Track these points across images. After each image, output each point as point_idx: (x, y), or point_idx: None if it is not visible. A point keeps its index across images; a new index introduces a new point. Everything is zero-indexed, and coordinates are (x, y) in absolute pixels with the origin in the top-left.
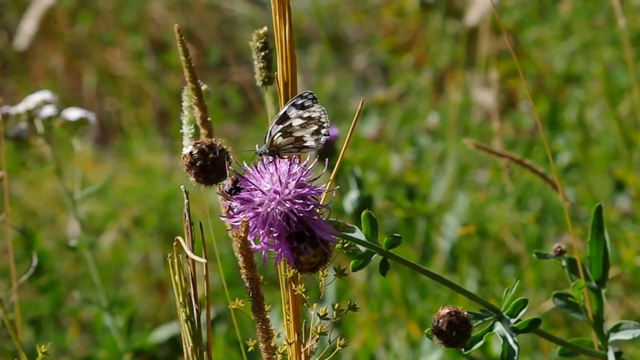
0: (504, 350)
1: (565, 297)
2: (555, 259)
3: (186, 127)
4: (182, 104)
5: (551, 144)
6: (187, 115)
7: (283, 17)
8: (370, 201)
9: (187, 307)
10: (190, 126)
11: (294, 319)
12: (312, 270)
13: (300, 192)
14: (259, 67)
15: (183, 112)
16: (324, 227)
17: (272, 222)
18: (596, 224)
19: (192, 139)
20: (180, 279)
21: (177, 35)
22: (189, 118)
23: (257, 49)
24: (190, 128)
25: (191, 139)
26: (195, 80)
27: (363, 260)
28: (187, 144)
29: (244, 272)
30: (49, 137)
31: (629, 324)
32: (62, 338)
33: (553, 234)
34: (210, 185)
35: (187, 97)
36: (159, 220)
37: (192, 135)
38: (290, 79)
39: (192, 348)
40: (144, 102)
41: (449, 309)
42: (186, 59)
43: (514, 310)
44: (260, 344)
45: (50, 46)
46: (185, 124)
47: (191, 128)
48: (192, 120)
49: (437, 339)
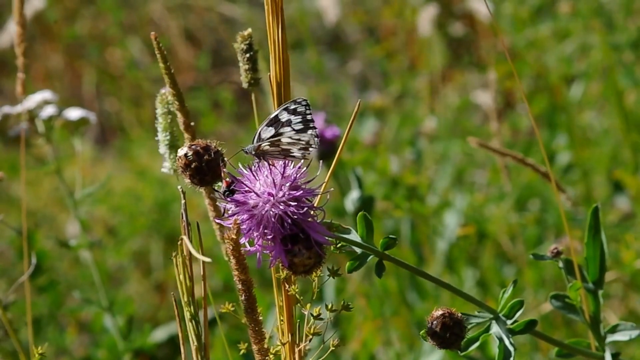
0: (500, 352)
1: (563, 298)
2: (552, 260)
3: (161, 134)
4: (156, 111)
5: (550, 144)
6: (161, 122)
7: (276, 17)
8: (371, 201)
9: (191, 306)
10: (165, 133)
11: (288, 320)
12: (307, 273)
13: (295, 194)
14: (245, 69)
15: (157, 120)
16: (318, 229)
17: (267, 224)
18: (593, 225)
19: (168, 145)
20: (185, 278)
21: (155, 44)
22: (164, 125)
23: (242, 50)
24: (166, 135)
25: (167, 145)
26: (175, 86)
27: (359, 262)
28: (163, 151)
29: (236, 274)
30: (49, 137)
31: (626, 325)
32: (61, 338)
33: (553, 234)
34: (205, 186)
35: (160, 104)
36: (158, 221)
37: (167, 142)
38: (284, 80)
39: (197, 347)
40: (144, 102)
41: (442, 310)
42: (165, 66)
43: (510, 312)
44: (253, 345)
45: (50, 46)
46: (160, 130)
47: (167, 135)
48: (167, 127)
49: (431, 340)
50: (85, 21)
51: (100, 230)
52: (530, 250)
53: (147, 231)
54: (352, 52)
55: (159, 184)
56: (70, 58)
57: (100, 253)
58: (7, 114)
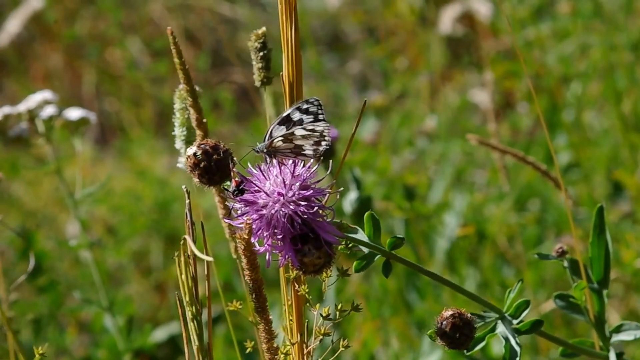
0: (506, 352)
1: (567, 298)
2: (557, 259)
3: (178, 130)
4: (174, 106)
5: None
6: (179, 117)
7: (289, 18)
8: (369, 202)
9: (193, 306)
10: (182, 128)
11: (297, 320)
12: (317, 272)
13: (305, 193)
14: (258, 68)
15: (175, 115)
16: (328, 228)
17: (276, 224)
18: (598, 225)
19: (184, 141)
20: (187, 277)
21: (171, 38)
22: (181, 120)
23: (255, 49)
24: (183, 130)
25: (183, 141)
26: (189, 82)
27: (366, 262)
28: (179, 146)
29: (247, 273)
30: (49, 137)
31: (630, 324)
32: (61, 338)
33: (553, 234)
34: (214, 186)
35: (179, 99)
36: (158, 221)
37: (184, 137)
38: (296, 80)
39: (198, 347)
40: (144, 102)
41: (452, 310)
42: (180, 61)
43: (516, 311)
44: (263, 344)
45: (50, 46)
46: (177, 126)
47: (183, 130)
48: (184, 122)
49: (441, 340)
50: (85, 21)
51: (101, 229)
52: (530, 251)
53: (147, 231)
54: (352, 52)
55: (159, 184)
56: (70, 58)
57: (100, 253)
58: (7, 114)
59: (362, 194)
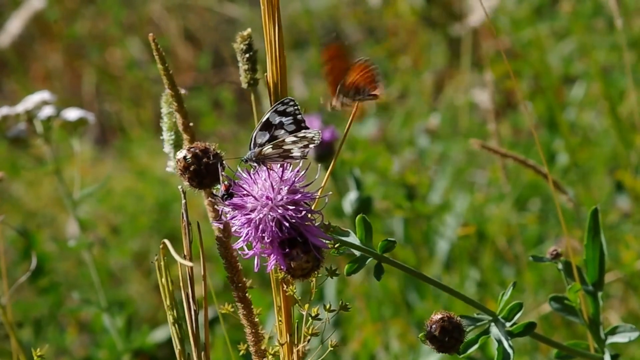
0: (499, 354)
1: (562, 300)
2: (552, 262)
3: (166, 134)
4: (162, 111)
5: (550, 144)
6: (166, 122)
7: (272, 18)
8: (369, 202)
9: (174, 310)
10: (170, 132)
11: (286, 320)
12: (305, 276)
13: (293, 198)
14: (244, 69)
15: (162, 119)
16: (317, 232)
17: (265, 228)
18: (592, 227)
19: (173, 145)
20: (167, 281)
21: (153, 45)
22: (169, 124)
23: (241, 50)
24: (171, 134)
25: (172, 145)
26: (174, 87)
27: (357, 265)
28: (168, 150)
29: (229, 276)
30: (48, 137)
31: (625, 327)
32: (61, 338)
33: (553, 234)
34: (204, 189)
35: (165, 104)
36: (159, 221)
37: (172, 141)
38: (280, 80)
39: (180, 351)
40: (144, 102)
41: (441, 314)
42: (164, 67)
43: (509, 314)
44: (250, 347)
45: (50, 46)
46: (165, 130)
47: (172, 134)
48: (172, 126)
49: (430, 344)
50: (85, 21)
51: (104, 229)
52: (530, 250)
53: (147, 231)
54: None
55: (159, 183)
56: (70, 58)
57: (103, 252)
58: (5, 115)
59: (362, 194)
